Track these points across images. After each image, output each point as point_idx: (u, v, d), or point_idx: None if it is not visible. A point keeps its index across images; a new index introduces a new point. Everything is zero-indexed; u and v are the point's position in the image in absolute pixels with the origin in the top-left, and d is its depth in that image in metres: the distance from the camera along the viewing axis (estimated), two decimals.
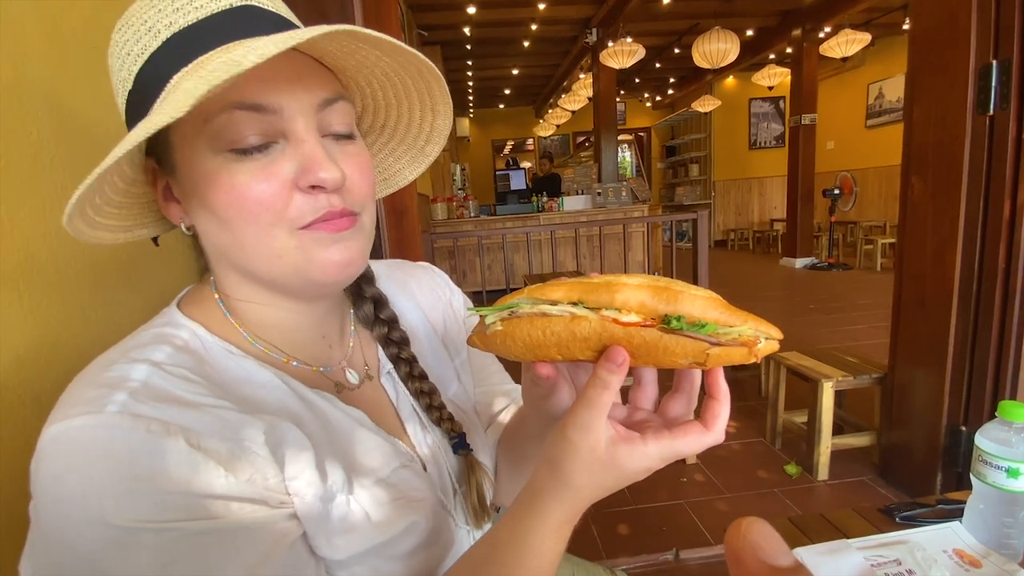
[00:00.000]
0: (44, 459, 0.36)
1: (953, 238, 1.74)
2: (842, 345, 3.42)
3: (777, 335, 0.36)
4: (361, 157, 0.47)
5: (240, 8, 0.42)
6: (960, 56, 1.68)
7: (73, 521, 0.35)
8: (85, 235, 0.44)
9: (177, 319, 0.48)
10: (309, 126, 0.43)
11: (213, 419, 0.40)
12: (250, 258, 0.45)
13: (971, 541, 0.81)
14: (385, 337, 0.59)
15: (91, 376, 0.40)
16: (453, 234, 4.49)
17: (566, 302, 0.37)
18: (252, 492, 0.40)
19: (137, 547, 0.35)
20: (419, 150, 0.58)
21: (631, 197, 6.20)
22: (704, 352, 0.35)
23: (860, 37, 5.81)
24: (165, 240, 0.93)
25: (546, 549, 0.40)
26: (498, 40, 7.09)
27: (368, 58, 0.44)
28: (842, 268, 6.74)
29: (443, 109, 0.52)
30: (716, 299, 0.36)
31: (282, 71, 0.41)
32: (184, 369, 0.42)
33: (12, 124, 0.60)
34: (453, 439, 0.58)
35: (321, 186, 0.42)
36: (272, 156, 0.42)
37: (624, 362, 0.36)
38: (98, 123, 0.77)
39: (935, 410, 1.87)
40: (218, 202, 0.42)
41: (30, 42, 0.64)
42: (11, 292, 0.57)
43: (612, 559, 1.75)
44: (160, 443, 0.36)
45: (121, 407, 0.37)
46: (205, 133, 0.41)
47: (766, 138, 9.84)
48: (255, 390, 0.46)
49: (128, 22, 0.43)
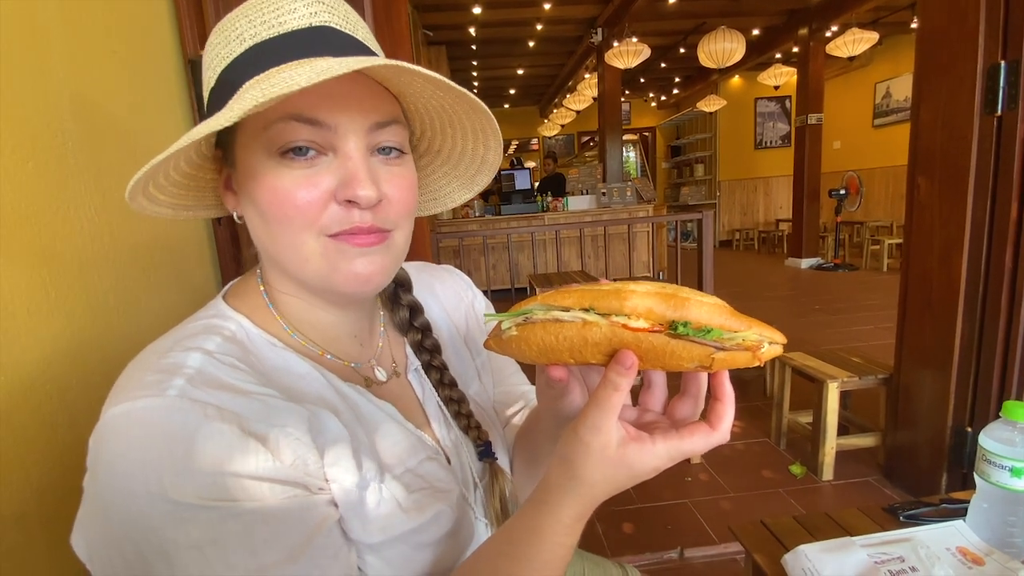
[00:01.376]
0: (108, 437, 0.38)
1: (960, 239, 1.74)
2: (847, 346, 3.41)
3: (781, 339, 0.38)
4: (404, 177, 0.49)
5: (318, 28, 0.45)
6: (968, 56, 1.67)
7: (135, 495, 0.37)
8: (147, 209, 0.48)
9: (224, 311, 0.50)
10: (359, 145, 0.45)
11: (261, 406, 0.42)
12: (282, 257, 0.48)
13: (974, 539, 0.82)
14: (419, 344, 0.61)
15: (147, 363, 0.43)
16: (458, 234, 4.49)
17: (577, 308, 0.39)
18: (295, 477, 0.42)
19: (193, 522, 0.37)
20: (469, 178, 0.61)
21: (636, 197, 6.19)
22: (710, 356, 0.37)
23: (867, 36, 5.78)
24: (185, 245, 0.95)
25: (559, 543, 0.42)
26: (503, 40, 7.10)
27: (425, 90, 0.47)
28: (848, 269, 6.71)
29: (494, 144, 0.55)
30: (722, 305, 0.38)
31: (342, 90, 0.44)
32: (232, 358, 0.45)
33: (38, 127, 0.62)
34: (479, 447, 0.61)
35: (355, 201, 0.44)
36: (318, 168, 0.45)
37: (633, 365, 0.38)
38: (122, 125, 0.79)
39: (941, 411, 1.86)
40: (262, 200, 0.45)
41: (54, 46, 0.66)
42: (39, 290, 0.59)
43: (617, 557, 1.76)
44: (215, 426, 0.39)
45: (180, 391, 0.39)
46: (263, 137, 0.44)
47: (772, 138, 9.80)
48: (295, 380, 0.48)
49: (224, 27, 0.47)
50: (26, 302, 0.57)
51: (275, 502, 0.40)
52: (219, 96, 0.46)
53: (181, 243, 0.94)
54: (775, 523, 0.95)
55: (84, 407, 0.65)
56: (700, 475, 2.25)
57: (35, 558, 0.56)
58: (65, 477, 0.60)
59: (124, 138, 0.80)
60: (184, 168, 0.47)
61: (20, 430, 0.55)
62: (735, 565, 1.72)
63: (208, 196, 0.54)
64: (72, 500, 0.61)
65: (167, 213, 0.51)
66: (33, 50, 0.63)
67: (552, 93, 10.42)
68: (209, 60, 0.48)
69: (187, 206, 0.53)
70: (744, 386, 3.16)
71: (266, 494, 0.40)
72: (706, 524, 1.92)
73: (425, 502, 0.51)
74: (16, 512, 0.53)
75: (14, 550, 0.52)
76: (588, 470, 0.40)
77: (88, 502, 0.40)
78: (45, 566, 0.57)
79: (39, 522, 0.56)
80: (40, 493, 0.57)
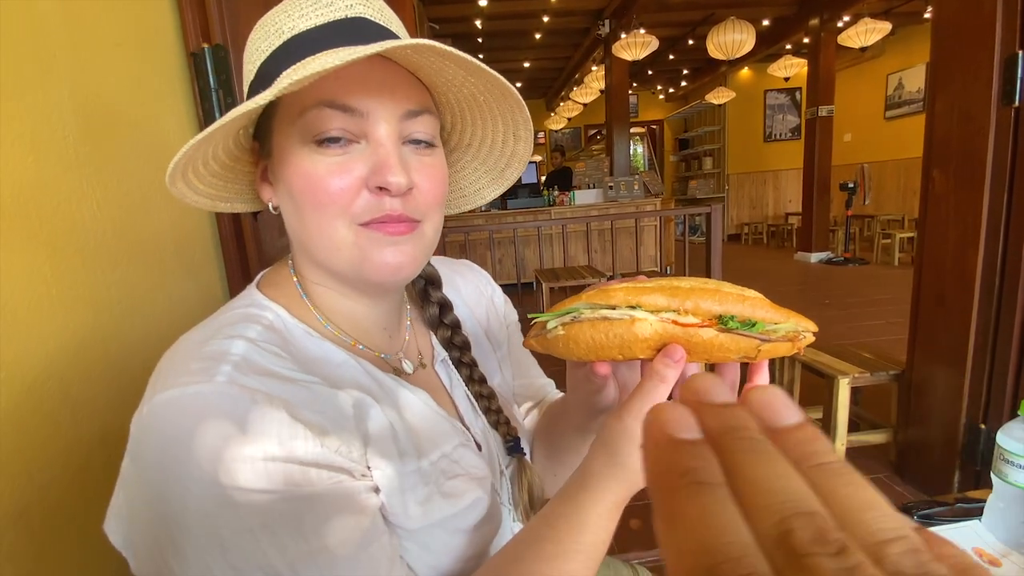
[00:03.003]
0: (156, 423, 0.39)
1: (975, 233, 1.71)
2: (858, 341, 3.37)
3: (813, 328, 0.40)
4: (435, 168, 0.50)
5: (353, 19, 0.47)
6: (985, 46, 1.63)
7: (187, 480, 0.37)
8: (188, 198, 0.49)
9: (260, 300, 0.50)
10: (390, 132, 0.46)
11: (307, 392, 0.43)
12: (315, 244, 0.48)
13: (991, 540, 0.80)
14: (448, 340, 0.62)
15: (189, 351, 0.43)
16: (464, 228, 4.48)
17: (624, 306, 0.40)
18: (340, 462, 0.42)
19: (245, 506, 0.37)
20: (499, 172, 0.61)
21: (643, 191, 6.15)
22: (756, 348, 0.39)
23: (880, 26, 5.68)
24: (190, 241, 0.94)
25: (600, 528, 0.43)
26: (509, 33, 7.05)
27: (456, 77, 0.47)
28: (858, 263, 6.63)
29: (524, 135, 0.55)
30: (762, 299, 0.40)
31: (375, 78, 0.45)
32: (274, 347, 0.45)
33: (39, 120, 0.61)
34: (508, 443, 0.62)
35: (387, 188, 0.45)
36: (351, 155, 0.46)
37: (681, 358, 0.39)
38: (124, 118, 0.78)
39: (954, 407, 1.84)
40: (296, 187, 0.46)
41: (55, 38, 0.65)
42: (40, 285, 0.59)
43: (624, 553, 1.76)
44: (265, 412, 0.39)
45: (228, 377, 0.40)
46: (298, 124, 0.45)
47: (781, 130, 9.69)
48: (334, 369, 0.49)
49: (264, 23, 0.48)
50: (27, 297, 0.57)
51: (323, 487, 0.40)
52: (257, 88, 0.47)
53: (186, 239, 0.94)
54: None
55: (87, 403, 0.64)
56: None
57: (37, 554, 0.55)
58: (67, 473, 0.60)
59: (126, 131, 0.79)
60: (223, 159, 0.48)
61: (22, 426, 0.55)
62: None
63: (246, 190, 0.55)
64: (75, 496, 0.61)
65: (206, 203, 0.52)
66: (34, 42, 0.62)
67: (559, 86, 10.35)
68: (249, 55, 0.49)
69: (225, 198, 0.54)
70: None
71: (314, 479, 0.40)
72: None
73: (463, 488, 0.51)
74: (18, 508, 0.53)
75: (16, 546, 0.52)
76: (632, 457, 0.41)
77: (129, 488, 0.40)
78: (47, 562, 0.57)
79: (41, 519, 0.56)
80: (42, 489, 0.57)
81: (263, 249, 1.07)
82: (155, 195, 0.84)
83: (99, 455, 0.65)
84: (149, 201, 0.82)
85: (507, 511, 0.60)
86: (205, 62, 0.93)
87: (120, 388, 0.70)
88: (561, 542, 0.43)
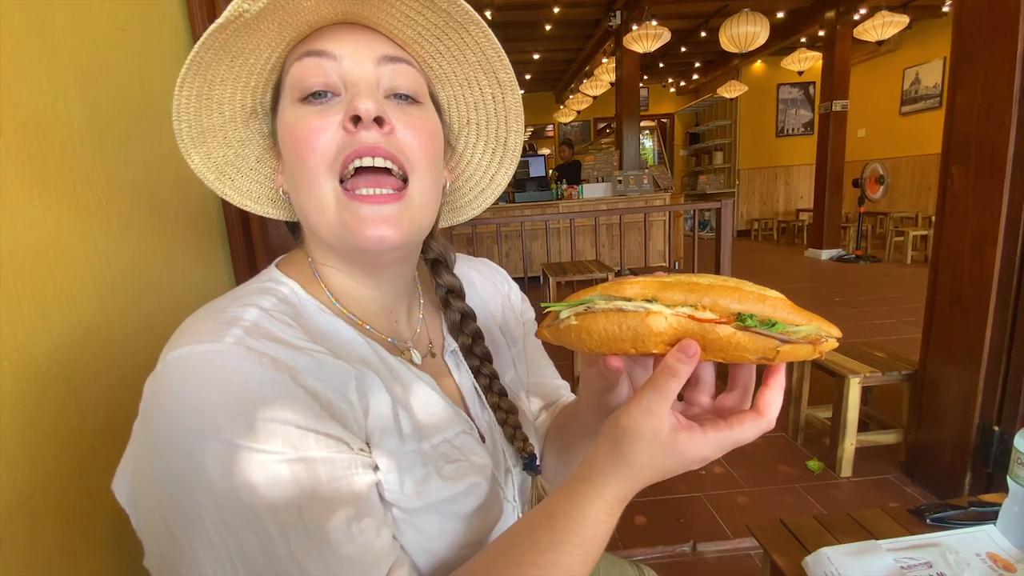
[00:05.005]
0: (166, 377, 0.40)
1: (994, 231, 1.67)
2: (869, 340, 3.33)
3: (837, 333, 0.39)
4: (422, 121, 0.50)
5: None
6: (1008, 40, 1.60)
7: (189, 433, 0.38)
8: (230, 197, 0.55)
9: (278, 276, 0.52)
10: (366, 74, 0.47)
11: (312, 360, 0.44)
12: (305, 208, 0.49)
13: (1005, 545, 0.78)
14: (456, 326, 0.62)
15: (207, 315, 0.44)
16: (471, 221, 4.43)
17: (640, 299, 0.39)
18: (339, 432, 0.43)
19: (241, 463, 0.38)
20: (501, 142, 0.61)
21: (653, 185, 6.10)
22: (775, 349, 0.37)
23: (897, 19, 5.57)
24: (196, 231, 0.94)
25: (599, 522, 0.42)
26: (519, 24, 6.98)
27: (419, 18, 0.47)
28: (870, 260, 6.55)
29: (505, 79, 0.54)
30: (784, 299, 0.39)
31: (349, 31, 0.47)
32: (286, 316, 0.47)
33: (42, 107, 0.61)
34: (524, 459, 0.62)
35: (357, 116, 0.45)
36: (330, 104, 0.47)
37: (695, 354, 0.38)
38: (130, 105, 0.77)
39: (967, 408, 1.81)
40: (286, 148, 0.48)
41: (59, 23, 0.64)
42: (44, 274, 0.58)
43: (628, 549, 1.75)
44: (270, 374, 0.40)
45: (237, 339, 0.41)
46: (288, 87, 0.48)
47: (794, 125, 9.56)
48: (342, 344, 0.50)
49: None
50: (31, 287, 0.56)
51: (320, 454, 0.40)
52: None
53: (192, 227, 0.93)
54: (795, 523, 0.92)
55: (92, 393, 0.64)
56: (715, 468, 2.22)
57: (40, 544, 0.55)
58: (72, 464, 0.60)
59: (133, 119, 0.78)
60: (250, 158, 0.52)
61: (25, 416, 0.54)
62: (749, 561, 1.70)
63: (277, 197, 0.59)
64: (78, 487, 0.61)
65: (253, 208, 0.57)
66: (37, 27, 0.61)
67: (568, 78, 10.26)
68: None
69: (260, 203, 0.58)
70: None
71: (311, 444, 0.40)
72: (720, 519, 1.90)
73: (462, 472, 0.52)
74: (21, 498, 0.53)
75: (18, 536, 0.52)
76: (638, 452, 0.40)
77: (136, 444, 0.41)
78: (51, 553, 0.56)
79: (45, 509, 0.56)
80: (46, 479, 0.56)
81: (269, 238, 1.06)
82: (161, 183, 0.83)
83: (104, 444, 0.65)
84: (155, 189, 0.82)
85: (511, 507, 0.60)
86: None
87: (125, 376, 0.69)
88: (559, 531, 0.42)
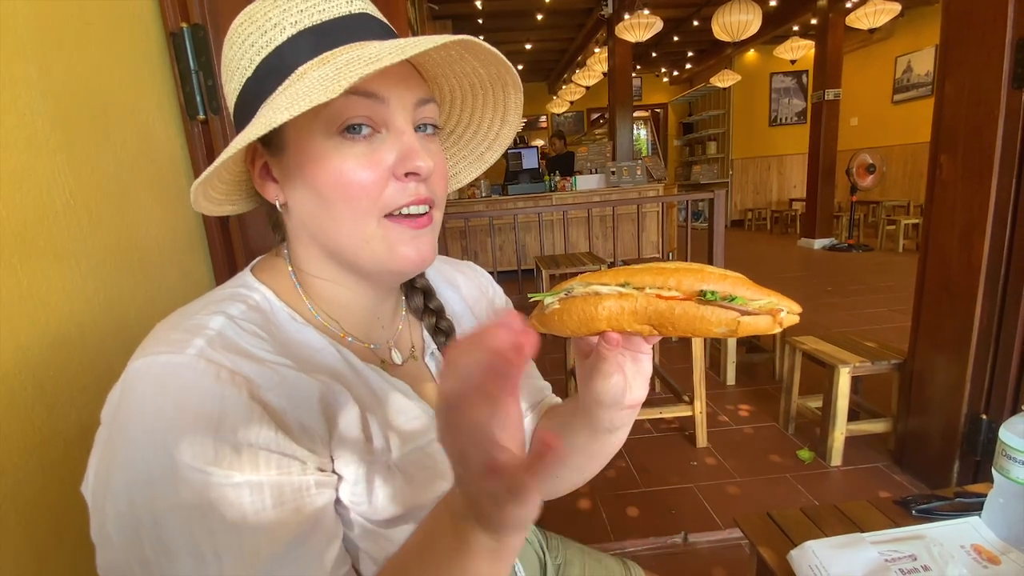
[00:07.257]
0: (128, 388, 0.40)
1: (982, 220, 1.67)
2: (860, 329, 3.35)
3: (796, 308, 0.42)
4: (440, 152, 0.53)
5: (359, 15, 0.48)
6: (996, 28, 1.59)
7: (141, 444, 0.38)
8: (213, 211, 0.52)
9: (251, 282, 0.52)
10: (407, 120, 0.48)
11: (273, 375, 0.44)
12: (341, 238, 0.49)
13: (990, 536, 0.78)
14: (434, 327, 0.63)
15: (175, 322, 0.44)
16: (464, 214, 4.43)
17: (614, 284, 0.44)
18: (294, 451, 0.42)
19: (185, 482, 0.37)
20: (479, 156, 0.63)
21: (646, 176, 6.08)
22: (736, 320, 0.41)
23: (889, 7, 5.56)
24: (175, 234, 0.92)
25: None
26: (511, 13, 6.91)
27: (466, 67, 0.50)
28: (862, 249, 6.58)
29: (512, 119, 0.57)
30: (743, 278, 0.42)
31: (392, 69, 0.46)
32: (254, 325, 0.46)
33: (4, 104, 0.59)
34: None
35: (416, 173, 0.47)
36: (375, 145, 0.47)
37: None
38: (98, 101, 0.75)
39: (955, 397, 1.82)
40: (323, 182, 0.47)
41: (20, 17, 0.62)
42: (9, 277, 0.57)
43: (620, 541, 1.76)
44: (225, 389, 0.40)
45: (198, 351, 0.40)
46: (321, 116, 0.45)
47: (787, 114, 9.54)
48: (311, 353, 0.50)
49: (252, 17, 0.47)
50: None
51: (267, 478, 0.40)
52: (261, 84, 0.46)
53: (170, 228, 0.91)
54: (781, 515, 0.92)
55: (64, 399, 0.63)
56: (706, 459, 2.24)
57: (12, 551, 0.54)
58: (43, 470, 0.59)
59: (102, 115, 0.76)
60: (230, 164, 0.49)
61: None
62: (740, 551, 1.71)
63: (238, 191, 0.55)
64: (52, 491, 0.60)
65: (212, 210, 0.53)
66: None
67: (561, 68, 10.19)
68: (239, 51, 0.48)
69: (233, 200, 0.54)
70: (753, 369, 3.12)
71: (260, 465, 0.40)
72: (711, 509, 1.91)
73: (431, 482, 0.51)
74: None
75: None
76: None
77: (96, 451, 0.41)
78: (22, 560, 0.55)
79: (16, 515, 0.55)
80: (17, 486, 0.55)
81: (249, 239, 1.05)
82: (135, 182, 0.81)
83: (77, 449, 0.64)
84: (128, 188, 0.80)
85: None
86: (184, 43, 0.90)
87: (99, 380, 0.68)
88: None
